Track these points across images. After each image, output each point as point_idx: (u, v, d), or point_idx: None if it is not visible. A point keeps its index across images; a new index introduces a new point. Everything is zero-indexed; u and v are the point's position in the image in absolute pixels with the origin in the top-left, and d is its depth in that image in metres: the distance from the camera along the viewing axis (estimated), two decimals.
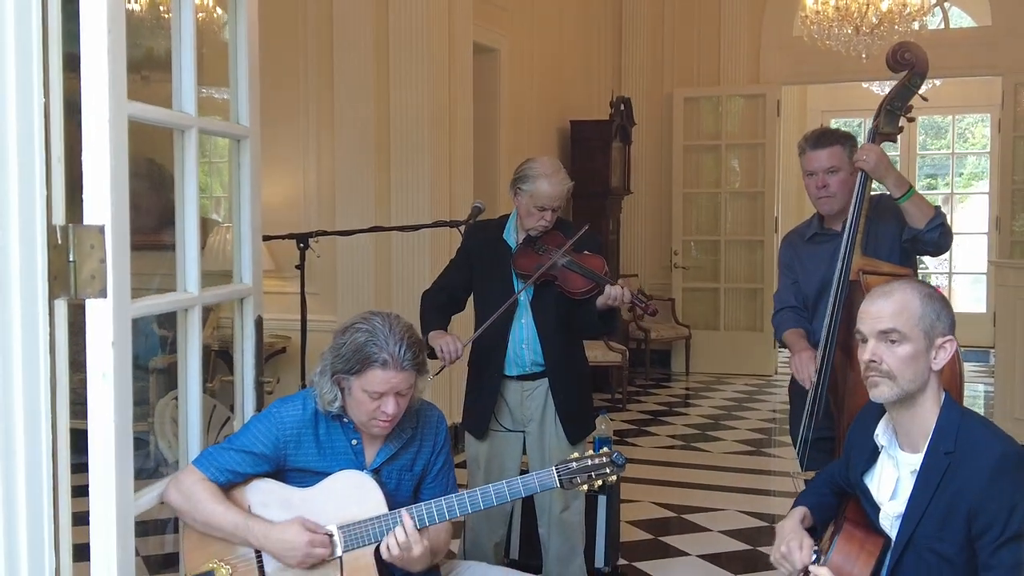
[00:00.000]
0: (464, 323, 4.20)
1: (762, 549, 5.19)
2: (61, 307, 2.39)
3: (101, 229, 2.38)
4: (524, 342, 3.91)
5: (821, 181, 3.64)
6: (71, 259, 2.38)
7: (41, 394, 2.37)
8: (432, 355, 3.81)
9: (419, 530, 2.63)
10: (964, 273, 13.64)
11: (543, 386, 3.94)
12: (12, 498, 2.30)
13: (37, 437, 2.35)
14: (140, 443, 4.27)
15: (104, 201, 2.39)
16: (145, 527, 4.63)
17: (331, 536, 2.66)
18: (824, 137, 3.69)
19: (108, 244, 2.38)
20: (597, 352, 8.18)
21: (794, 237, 3.95)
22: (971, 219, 14.06)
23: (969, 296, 13.66)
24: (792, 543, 2.47)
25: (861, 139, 3.85)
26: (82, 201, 2.40)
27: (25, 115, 2.31)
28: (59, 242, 2.36)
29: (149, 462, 4.19)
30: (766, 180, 10.30)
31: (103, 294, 2.39)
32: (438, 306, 4.00)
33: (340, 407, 2.75)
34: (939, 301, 2.34)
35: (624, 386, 9.00)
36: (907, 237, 3.49)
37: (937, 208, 3.49)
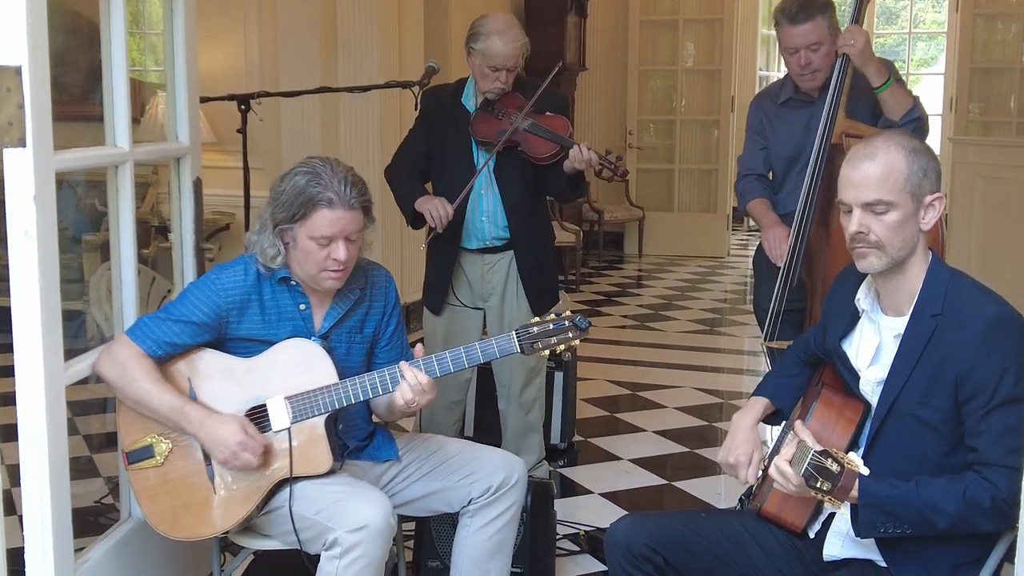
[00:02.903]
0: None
1: (717, 425, 5.21)
2: None
3: (18, 70, 2.17)
4: (485, 214, 3.78)
5: (804, 59, 3.41)
6: None
7: None
8: (421, 223, 3.71)
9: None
10: None
11: (506, 258, 3.82)
12: None
13: None
14: (76, 317, 4.11)
15: (20, 38, 2.16)
16: (86, 405, 4.51)
17: (275, 417, 2.54)
18: (804, 9, 3.39)
19: (26, 87, 2.17)
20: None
21: (765, 100, 3.75)
22: (924, 104, 13.99)
23: None
24: (742, 456, 2.38)
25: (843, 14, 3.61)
26: None
27: None
28: None
29: (86, 338, 4.01)
30: (723, 58, 10.07)
31: (22, 143, 2.19)
32: (409, 175, 3.81)
33: (283, 263, 2.59)
34: (925, 155, 2.18)
35: (577, 267, 8.91)
36: (881, 127, 3.30)
37: (916, 100, 3.34)
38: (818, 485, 1.91)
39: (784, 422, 2.45)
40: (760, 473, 2.39)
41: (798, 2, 3.43)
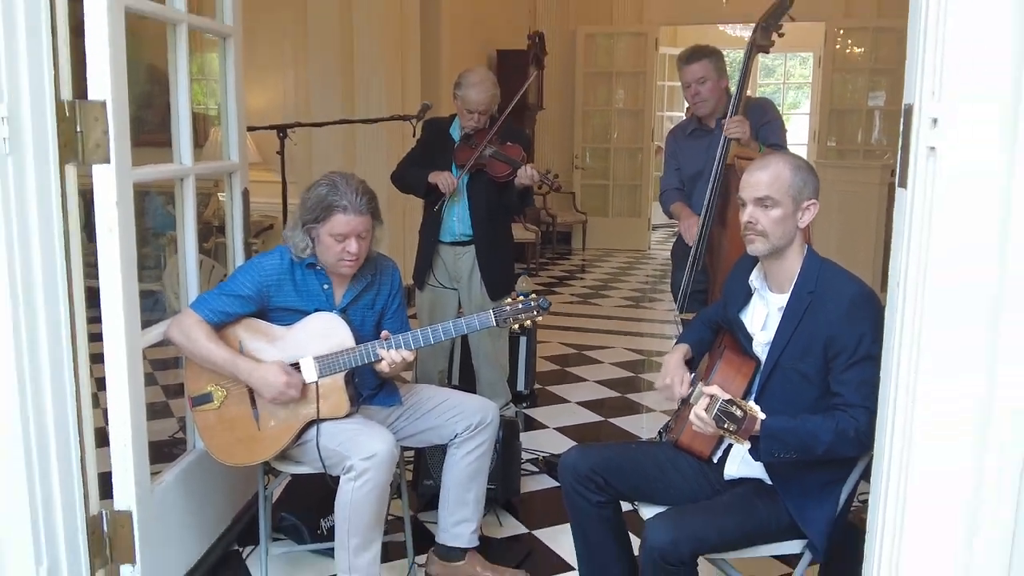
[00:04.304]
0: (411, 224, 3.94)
1: (642, 376, 5.17)
2: (71, 172, 2.12)
3: (103, 104, 2.10)
4: (456, 216, 3.71)
5: (694, 91, 3.43)
6: (79, 130, 2.10)
7: (56, 249, 2.11)
8: (433, 196, 3.61)
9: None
10: None
11: (471, 252, 3.74)
12: (35, 341, 2.07)
13: (55, 290, 2.10)
14: (153, 297, 4.02)
15: (105, 79, 2.09)
16: (164, 363, 4.42)
17: (306, 372, 2.46)
18: (693, 54, 3.43)
19: (110, 117, 2.10)
20: (516, 232, 7.95)
21: (678, 132, 3.71)
22: (792, 136, 14.07)
23: None
24: (675, 378, 2.32)
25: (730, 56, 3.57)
26: (86, 80, 2.09)
27: (32, 2, 1.97)
28: (67, 115, 2.08)
29: (161, 312, 3.92)
30: (646, 101, 10.04)
31: (107, 160, 2.12)
32: (417, 167, 3.68)
33: (311, 254, 2.51)
34: (806, 171, 2.15)
35: (536, 258, 8.88)
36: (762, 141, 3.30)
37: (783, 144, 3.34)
38: (726, 427, 1.86)
39: (694, 373, 2.40)
40: (676, 410, 2.36)
41: (690, 49, 3.48)
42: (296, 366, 2.48)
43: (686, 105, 3.63)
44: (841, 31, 9.59)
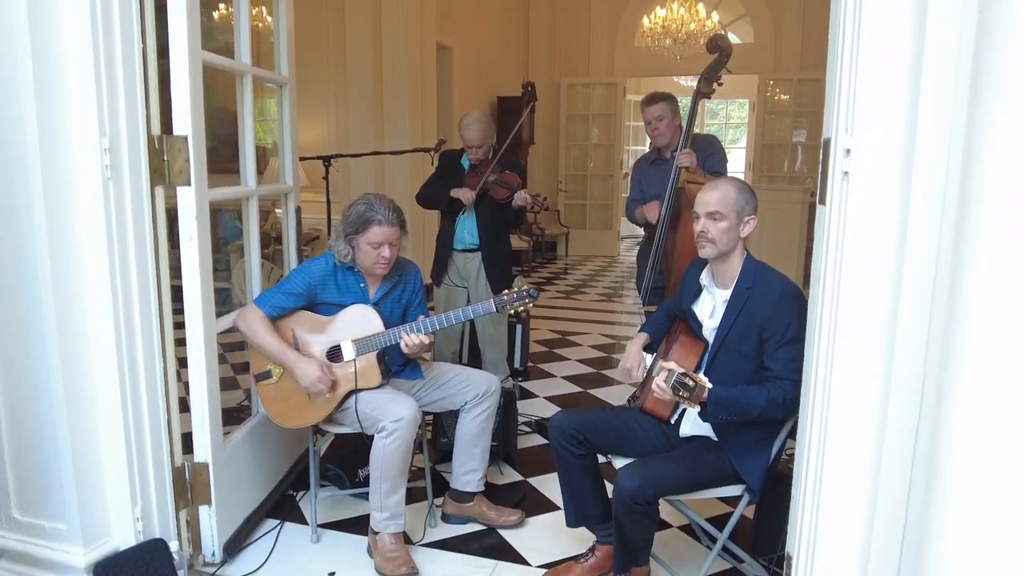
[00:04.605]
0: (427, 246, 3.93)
1: (614, 356, 5.16)
2: (160, 193, 2.12)
3: (185, 138, 2.09)
4: (466, 229, 3.69)
5: (653, 127, 3.45)
6: (165, 159, 2.10)
7: (148, 254, 2.11)
8: (453, 207, 3.56)
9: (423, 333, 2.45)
10: None
11: (477, 257, 3.73)
12: (132, 328, 2.07)
13: (147, 287, 2.11)
14: (224, 293, 4.00)
15: (186, 119, 2.09)
16: (232, 345, 4.41)
17: (346, 352, 2.45)
18: (653, 98, 3.46)
19: (190, 149, 2.10)
20: (513, 242, 7.90)
21: (641, 162, 3.71)
22: (732, 165, 14.02)
23: None
24: (633, 363, 2.32)
25: (682, 100, 3.59)
26: (172, 118, 2.09)
27: (128, 57, 1.98)
28: (156, 147, 2.08)
29: (230, 305, 3.91)
30: (616, 137, 10.02)
31: (188, 183, 2.12)
32: (438, 187, 3.66)
33: (352, 259, 2.51)
34: (748, 192, 2.15)
35: (529, 262, 8.87)
36: (707, 169, 3.28)
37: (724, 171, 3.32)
38: (681, 394, 1.87)
39: (655, 353, 2.40)
40: (642, 380, 2.35)
41: (650, 94, 3.49)
42: (338, 347, 2.48)
43: (648, 140, 3.64)
44: (771, 82, 9.63)
